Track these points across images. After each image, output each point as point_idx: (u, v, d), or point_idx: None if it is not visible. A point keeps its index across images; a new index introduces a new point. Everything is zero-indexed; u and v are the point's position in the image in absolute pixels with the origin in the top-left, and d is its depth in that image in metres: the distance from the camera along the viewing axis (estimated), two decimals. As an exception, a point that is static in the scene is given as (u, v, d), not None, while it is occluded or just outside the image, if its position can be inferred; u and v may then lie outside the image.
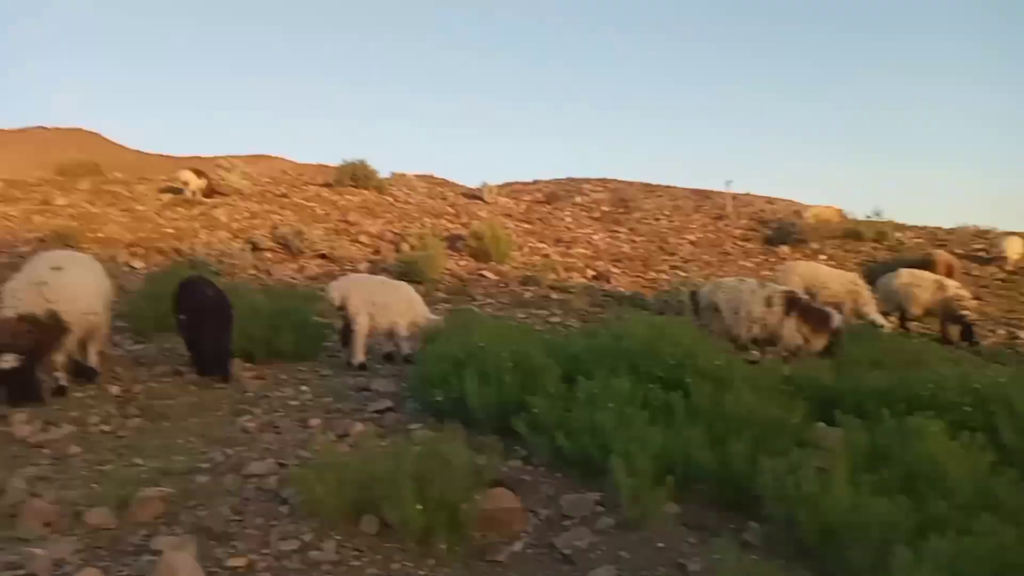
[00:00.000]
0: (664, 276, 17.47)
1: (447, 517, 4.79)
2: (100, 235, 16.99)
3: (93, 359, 8.41)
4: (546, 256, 17.94)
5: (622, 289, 16.36)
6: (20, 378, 7.18)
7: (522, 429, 6.14)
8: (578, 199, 24.39)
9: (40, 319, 7.38)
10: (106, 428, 6.95)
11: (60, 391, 7.70)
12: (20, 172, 37.19)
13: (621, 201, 23.92)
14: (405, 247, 17.00)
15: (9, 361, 7.02)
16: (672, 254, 19.52)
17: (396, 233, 18.64)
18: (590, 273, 17.13)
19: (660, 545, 4.94)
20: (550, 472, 6.04)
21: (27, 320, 7.29)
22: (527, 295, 14.92)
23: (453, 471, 4.98)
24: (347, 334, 9.39)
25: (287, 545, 4.72)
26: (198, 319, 8.35)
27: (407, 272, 14.66)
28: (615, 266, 17.89)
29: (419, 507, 4.68)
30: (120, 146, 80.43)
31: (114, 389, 8.05)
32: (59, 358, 7.80)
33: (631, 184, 31.28)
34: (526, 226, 20.70)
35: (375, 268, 15.81)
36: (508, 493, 5.32)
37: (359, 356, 9.20)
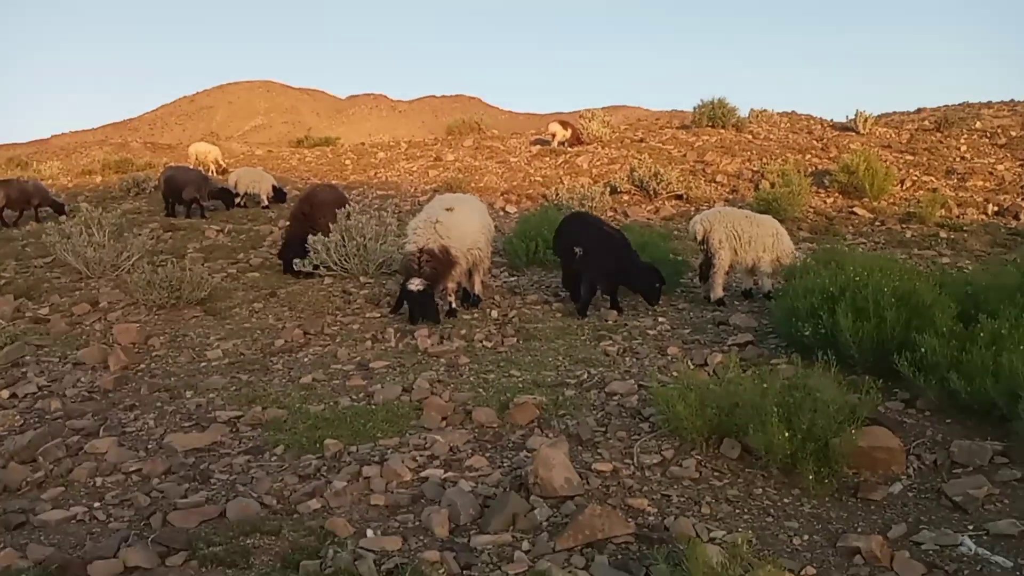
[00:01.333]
0: (1096, 211, 14.14)
1: (816, 449, 4.49)
2: (480, 185, 18.94)
3: (477, 288, 9.46)
4: (933, 191, 15.64)
5: (1035, 227, 13.64)
6: (423, 299, 8.36)
7: (906, 369, 5.47)
8: (977, 125, 20.72)
9: (435, 252, 8.48)
10: (488, 344, 7.79)
11: (452, 313, 8.83)
12: (417, 134, 43.24)
13: (1036, 124, 19.81)
14: (765, 184, 16.11)
15: (417, 284, 8.21)
16: (1109, 184, 15.73)
17: (755, 171, 17.76)
18: (991, 209, 14.54)
19: (1090, 510, 4.07)
20: (937, 416, 5.35)
21: (425, 252, 8.43)
22: (908, 234, 13.20)
23: (823, 404, 4.64)
24: (706, 269, 9.22)
25: (649, 459, 4.83)
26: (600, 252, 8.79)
27: (767, 210, 13.82)
28: (1026, 200, 14.95)
29: (786, 435, 4.44)
30: (496, 108, 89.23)
31: (494, 313, 8.98)
32: (451, 285, 8.91)
33: (1049, 105, 25.77)
34: (908, 157, 18.19)
35: (732, 207, 15.26)
36: (886, 432, 4.81)
37: (718, 291, 8.99)
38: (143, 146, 34.79)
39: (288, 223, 12.10)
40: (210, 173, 20.85)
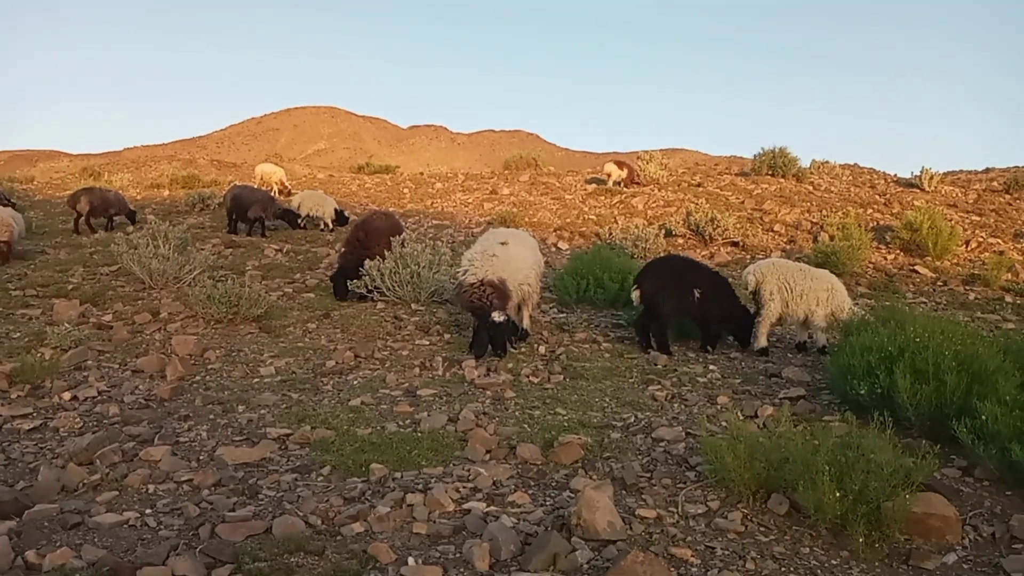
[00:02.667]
0: None
1: (867, 512, 4.37)
2: (534, 220, 19.09)
3: (526, 322, 9.50)
4: (1000, 253, 15.21)
5: (1107, 297, 13.13)
6: (508, 329, 8.54)
7: (965, 436, 5.30)
8: (1048, 188, 20.18)
9: (496, 284, 8.59)
10: (534, 380, 7.80)
11: (501, 346, 8.86)
12: (475, 167, 43.82)
13: (1112, 190, 19.19)
14: (824, 237, 15.89)
15: (500, 316, 8.36)
16: None
17: (814, 222, 17.53)
18: (1061, 275, 14.09)
19: None
20: (996, 487, 5.16)
21: (487, 284, 8.53)
22: (971, 296, 12.84)
23: (877, 466, 4.53)
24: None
25: (694, 508, 4.76)
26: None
27: (824, 263, 13.66)
28: (1099, 268, 14.42)
29: (837, 495, 4.34)
30: (552, 144, 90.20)
31: (541, 349, 8.99)
32: (501, 319, 8.96)
33: None
34: (975, 218, 17.75)
35: (789, 258, 15.06)
36: (942, 500, 4.66)
37: (761, 340, 8.87)
38: (210, 163, 36.03)
39: (343, 248, 12.34)
40: (273, 193, 21.44)
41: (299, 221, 17.21)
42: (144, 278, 11.82)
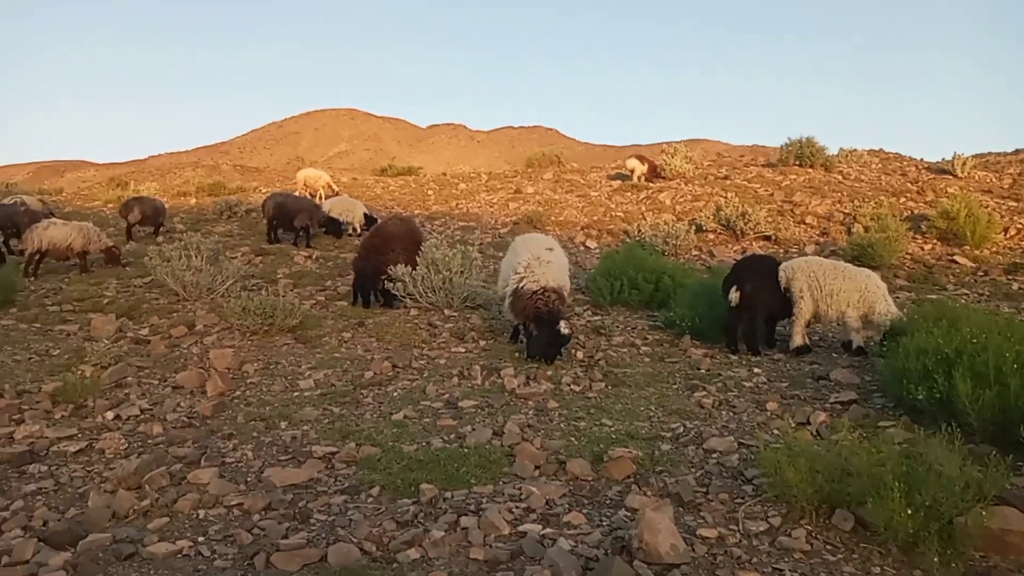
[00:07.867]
0: None
1: (939, 528, 4.21)
2: (560, 218, 18.96)
3: (562, 328, 9.39)
4: (1042, 240, 14.86)
5: None
6: (568, 341, 8.51)
7: (1033, 443, 5.11)
8: (1088, 170, 19.68)
9: (559, 291, 8.59)
10: (576, 388, 7.67)
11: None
12: (495, 164, 43.71)
13: None
14: (858, 228, 15.58)
15: (567, 328, 8.41)
16: None
17: (846, 213, 17.21)
18: (1108, 262, 13.70)
19: None
20: (1074, 499, 4.93)
21: (550, 291, 8.50)
22: (1015, 286, 12.50)
23: (946, 479, 4.36)
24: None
25: (755, 526, 4.62)
26: None
27: (860, 256, 13.45)
28: None
29: (908, 511, 4.18)
30: (572, 139, 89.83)
31: (579, 354, 8.86)
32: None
33: None
34: (1012, 203, 17.31)
35: (822, 251, 14.81)
36: (1018, 515, 4.47)
37: (796, 339, 8.67)
38: (233, 168, 36.21)
39: (358, 253, 12.17)
40: (320, 199, 21.43)
41: (345, 228, 17.23)
42: (178, 290, 11.85)
